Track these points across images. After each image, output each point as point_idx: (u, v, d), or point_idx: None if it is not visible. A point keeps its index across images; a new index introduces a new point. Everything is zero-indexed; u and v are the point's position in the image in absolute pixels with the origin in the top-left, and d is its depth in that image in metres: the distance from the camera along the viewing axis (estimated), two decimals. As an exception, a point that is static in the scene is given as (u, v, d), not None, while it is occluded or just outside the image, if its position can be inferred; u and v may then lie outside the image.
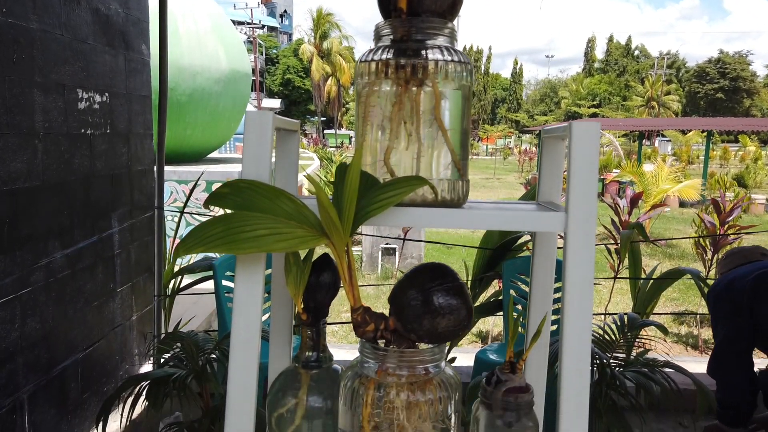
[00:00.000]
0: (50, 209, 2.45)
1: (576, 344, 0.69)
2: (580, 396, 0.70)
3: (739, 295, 1.95)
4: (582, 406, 0.70)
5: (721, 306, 2.02)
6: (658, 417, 3.24)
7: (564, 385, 0.70)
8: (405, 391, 0.72)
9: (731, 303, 1.97)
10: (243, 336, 0.70)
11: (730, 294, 1.99)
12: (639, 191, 4.88)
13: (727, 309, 1.98)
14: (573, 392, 0.70)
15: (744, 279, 1.99)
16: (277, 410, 0.85)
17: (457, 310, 0.71)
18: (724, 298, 2.01)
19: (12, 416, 2.24)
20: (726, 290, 2.01)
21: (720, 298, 2.03)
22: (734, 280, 2.02)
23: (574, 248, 0.70)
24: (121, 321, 3.11)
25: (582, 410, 0.70)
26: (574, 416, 0.70)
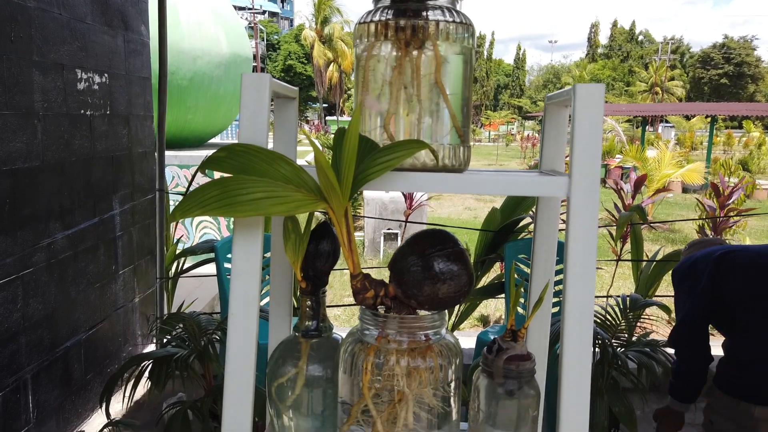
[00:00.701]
0: (51, 190, 2.44)
1: (578, 315, 0.68)
2: (581, 373, 0.69)
3: (702, 272, 1.99)
4: (583, 383, 0.69)
5: (683, 283, 2.08)
6: (659, 398, 3.24)
7: (566, 360, 0.69)
8: (405, 357, 0.71)
9: (693, 279, 2.01)
10: (242, 301, 0.69)
11: (693, 272, 2.04)
12: (644, 174, 4.84)
13: (690, 285, 2.03)
14: (575, 366, 0.69)
15: (708, 257, 2.03)
16: (277, 379, 0.84)
17: (457, 275, 0.70)
18: (688, 275, 2.06)
19: (16, 395, 2.26)
20: (690, 268, 2.07)
21: (684, 276, 2.09)
22: (698, 259, 2.07)
23: (578, 214, 0.69)
24: (124, 303, 3.11)
25: (583, 388, 0.69)
26: (576, 394, 0.69)
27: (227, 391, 0.69)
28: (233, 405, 0.70)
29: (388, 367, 0.72)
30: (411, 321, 0.72)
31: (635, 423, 2.02)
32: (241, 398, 0.70)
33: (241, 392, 0.70)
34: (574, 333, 0.69)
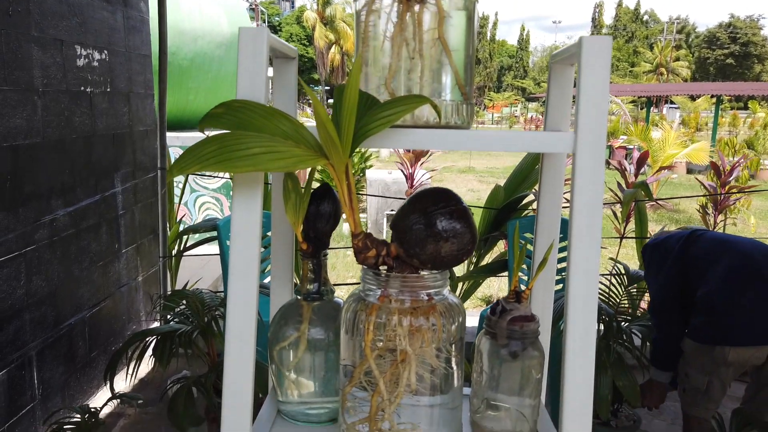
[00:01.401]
0: (52, 167, 2.43)
1: (584, 272, 0.66)
2: (586, 340, 0.68)
3: (672, 246, 2.14)
4: (588, 350, 0.68)
5: (654, 256, 2.21)
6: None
7: (570, 325, 0.68)
8: (408, 317, 0.70)
9: (664, 252, 2.15)
10: (242, 261, 0.68)
11: (664, 246, 2.18)
12: (646, 150, 4.79)
13: (660, 258, 2.16)
14: (580, 335, 0.68)
15: (679, 234, 2.20)
16: (279, 343, 0.83)
17: (460, 234, 0.69)
18: (658, 249, 2.20)
19: (21, 372, 2.27)
20: (661, 243, 2.21)
21: (654, 250, 2.22)
22: (670, 237, 2.22)
23: (583, 171, 0.68)
24: (127, 281, 3.12)
25: (588, 357, 0.68)
26: (580, 365, 0.69)
27: (228, 358, 0.68)
28: (234, 367, 0.70)
29: (390, 326, 0.71)
30: (413, 280, 0.71)
31: (638, 396, 2.02)
32: (242, 358, 0.69)
33: (241, 354, 0.69)
34: (580, 293, 0.67)
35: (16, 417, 2.24)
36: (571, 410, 0.69)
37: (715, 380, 1.99)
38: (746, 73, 50.44)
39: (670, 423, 2.80)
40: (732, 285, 1.97)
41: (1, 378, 2.15)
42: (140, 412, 2.81)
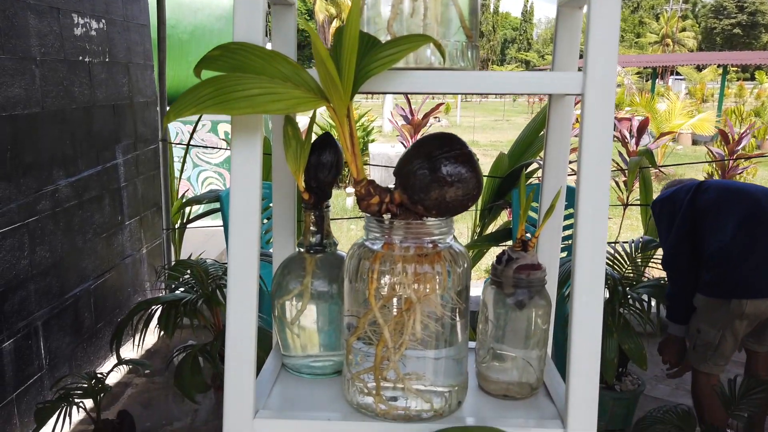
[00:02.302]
0: (52, 137, 2.41)
1: (592, 220, 0.64)
2: (594, 305, 0.66)
3: (682, 199, 2.13)
4: (596, 316, 0.67)
5: (664, 210, 2.21)
6: (667, 341, 3.25)
7: (577, 292, 0.66)
8: (412, 264, 0.69)
9: (674, 206, 2.15)
10: (242, 211, 0.66)
11: (673, 199, 2.18)
12: (646, 117, 4.72)
13: (670, 212, 2.16)
14: (587, 299, 0.67)
15: (687, 186, 2.18)
16: (283, 297, 0.82)
17: (465, 178, 0.67)
18: (668, 203, 2.20)
19: (27, 342, 2.28)
20: (670, 197, 2.21)
21: (664, 204, 2.22)
22: (679, 189, 2.21)
23: (592, 112, 0.65)
24: (131, 253, 3.12)
25: (595, 325, 0.67)
26: (587, 333, 0.67)
27: (230, 296, 0.67)
28: (237, 306, 0.69)
29: (394, 274, 0.69)
30: (417, 227, 0.70)
31: (645, 359, 2.02)
32: (245, 297, 0.68)
33: (243, 305, 0.68)
34: (588, 241, 0.66)
35: (24, 386, 2.26)
36: (577, 375, 0.68)
37: (728, 335, 1.98)
38: (753, 43, 49.70)
39: (674, 388, 2.81)
40: (745, 235, 1.94)
41: (9, 347, 2.16)
42: (147, 381, 2.84)
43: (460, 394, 0.75)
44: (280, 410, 0.74)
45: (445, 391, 0.73)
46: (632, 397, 2.42)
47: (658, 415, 1.79)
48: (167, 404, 2.66)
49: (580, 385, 0.68)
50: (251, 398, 0.69)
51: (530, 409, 0.75)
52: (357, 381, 0.73)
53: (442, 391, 0.72)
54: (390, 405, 0.71)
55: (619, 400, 2.39)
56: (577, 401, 0.68)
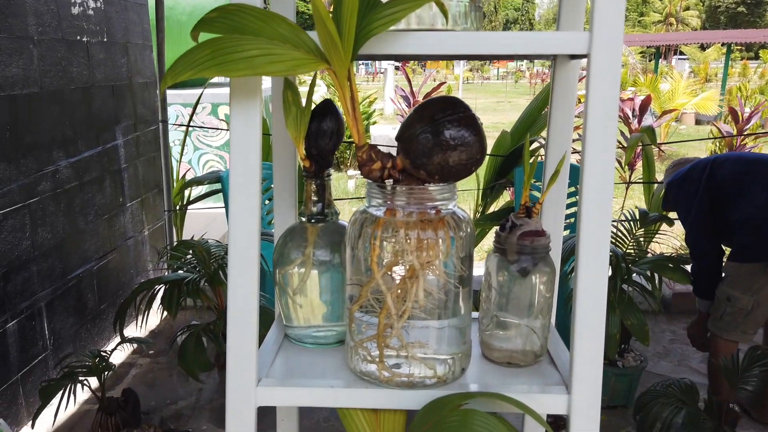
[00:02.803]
0: (51, 117, 2.40)
1: (599, 181, 0.63)
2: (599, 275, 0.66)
3: (699, 175, 2.17)
4: (600, 290, 0.66)
5: (682, 190, 2.23)
6: (669, 319, 3.26)
7: (582, 260, 0.65)
8: (415, 230, 0.68)
9: (692, 184, 2.18)
10: (242, 175, 0.65)
11: (689, 179, 2.20)
12: (648, 95, 4.66)
13: (688, 190, 2.19)
14: (592, 269, 0.66)
15: (703, 162, 2.21)
16: (285, 267, 0.82)
17: (469, 142, 0.66)
18: (685, 183, 2.22)
19: (31, 322, 2.29)
20: (686, 176, 2.23)
21: (681, 184, 2.24)
22: (692, 168, 2.24)
23: (599, 72, 0.64)
24: (133, 234, 3.12)
25: (600, 299, 0.66)
26: (592, 296, 0.66)
27: (231, 259, 0.66)
28: (237, 269, 0.68)
29: (397, 241, 0.69)
30: (420, 192, 0.69)
31: (647, 335, 2.02)
32: (245, 289, 0.67)
33: (245, 282, 0.67)
34: (594, 195, 0.64)
35: (28, 366, 2.27)
36: (582, 340, 0.67)
37: (762, 299, 2.03)
38: (758, 21, 49.15)
39: (677, 364, 2.82)
40: None
41: (12, 328, 2.17)
42: (152, 361, 2.86)
43: (464, 362, 0.75)
44: (283, 378, 0.74)
45: (448, 358, 0.72)
46: (634, 373, 2.42)
47: (661, 389, 1.79)
48: (171, 383, 2.68)
49: (585, 351, 0.68)
50: (254, 366, 0.69)
51: (534, 376, 0.75)
52: (360, 349, 0.73)
53: (445, 359, 0.72)
54: (393, 372, 0.71)
55: (621, 376, 2.40)
56: (582, 367, 0.68)
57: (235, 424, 0.71)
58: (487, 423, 0.62)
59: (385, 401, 0.70)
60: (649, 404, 1.75)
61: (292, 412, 0.97)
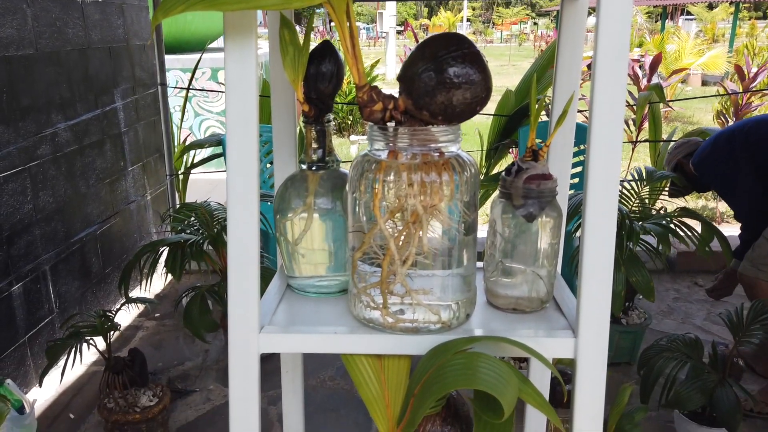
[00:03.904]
0: (48, 79, 2.36)
1: (608, 111, 0.61)
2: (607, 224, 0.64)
3: (730, 149, 2.15)
4: (609, 231, 0.64)
5: (717, 168, 2.23)
6: (673, 278, 3.26)
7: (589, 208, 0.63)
8: (418, 173, 0.66)
9: (725, 157, 2.17)
10: (239, 110, 0.63)
11: (718, 153, 2.19)
12: (658, 53, 4.56)
13: (721, 168, 2.19)
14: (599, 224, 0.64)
15: (725, 136, 2.19)
16: (286, 216, 0.80)
17: (473, 80, 0.64)
18: (716, 160, 2.21)
19: (36, 286, 2.30)
20: (713, 152, 2.22)
21: (711, 162, 2.23)
22: (715, 142, 2.22)
23: (608, 5, 0.61)
24: (135, 198, 3.11)
25: (608, 241, 0.65)
26: (600, 236, 0.65)
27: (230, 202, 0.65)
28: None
29: (400, 184, 0.67)
30: (423, 133, 0.67)
31: (653, 291, 2.01)
32: (245, 239, 0.66)
33: (244, 221, 0.66)
34: (602, 141, 0.62)
35: (35, 329, 2.29)
36: (589, 296, 0.66)
37: None
38: (768, -21, 47.94)
39: (680, 322, 2.83)
40: None
41: (18, 291, 2.18)
42: (158, 324, 2.88)
43: (468, 308, 0.74)
44: (285, 326, 0.73)
45: (453, 303, 0.71)
46: (639, 331, 2.43)
47: (665, 344, 1.80)
48: (178, 345, 2.70)
49: (593, 294, 0.66)
50: (255, 312, 0.68)
51: (540, 322, 0.74)
52: (363, 295, 0.72)
53: (449, 304, 0.71)
54: (397, 318, 0.70)
55: (625, 333, 2.41)
56: (590, 309, 0.67)
57: (239, 372, 0.70)
58: (492, 365, 0.61)
59: (389, 347, 0.70)
60: (653, 359, 1.76)
61: (297, 364, 0.97)
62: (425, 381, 0.64)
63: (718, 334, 2.61)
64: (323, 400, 2.31)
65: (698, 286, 3.16)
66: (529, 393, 0.65)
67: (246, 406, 0.70)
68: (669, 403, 1.74)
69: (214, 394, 2.35)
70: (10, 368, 2.15)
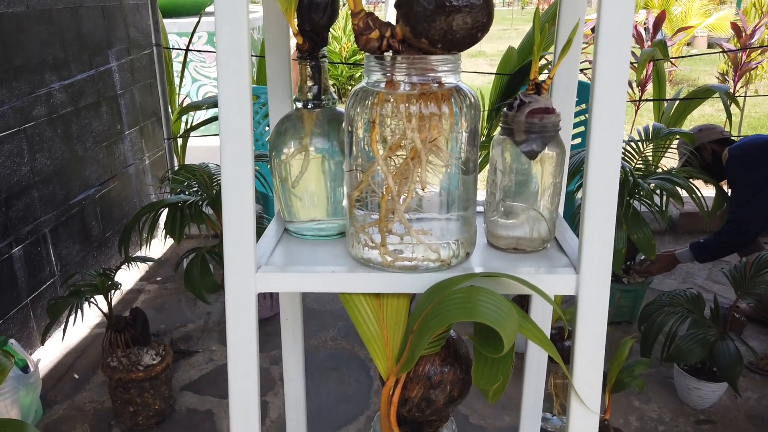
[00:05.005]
0: (41, 39, 2.32)
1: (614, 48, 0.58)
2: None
3: None
4: (613, 168, 0.62)
5: (750, 170, 2.19)
6: (675, 239, 3.25)
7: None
8: (417, 104, 0.64)
9: (761, 166, 2.15)
10: (229, 43, 0.60)
11: (759, 153, 2.18)
12: (662, 10, 4.45)
13: (756, 171, 2.16)
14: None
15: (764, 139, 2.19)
16: (282, 157, 0.78)
17: (473, 3, 0.61)
18: (754, 159, 2.19)
19: (37, 248, 2.29)
20: (754, 153, 2.20)
21: (748, 161, 2.20)
22: (753, 142, 2.22)
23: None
24: (134, 161, 3.09)
25: (612, 179, 0.63)
26: (603, 186, 0.63)
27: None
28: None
29: (398, 117, 0.64)
30: (421, 62, 0.64)
31: (654, 249, 2.00)
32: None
33: (237, 155, 0.64)
34: (606, 88, 0.60)
35: (38, 291, 2.30)
36: (591, 233, 0.64)
37: None
38: (777, -60, 46.81)
39: (681, 282, 2.83)
40: None
41: (18, 253, 2.18)
42: (159, 287, 2.89)
43: (468, 247, 0.72)
44: (283, 266, 0.72)
45: (452, 242, 0.70)
46: (640, 290, 2.43)
47: (666, 299, 1.79)
48: (180, 308, 2.71)
49: (595, 230, 0.65)
50: (251, 251, 0.67)
51: (541, 260, 0.72)
52: (362, 234, 0.70)
53: (448, 242, 0.70)
54: (396, 256, 0.69)
55: (626, 292, 2.41)
56: (592, 246, 0.65)
57: (236, 313, 0.69)
58: (492, 299, 0.60)
59: (387, 285, 0.68)
60: (654, 314, 1.76)
61: (296, 312, 0.96)
62: (424, 316, 0.63)
63: (719, 293, 2.61)
64: (324, 360, 2.32)
65: (700, 247, 3.15)
66: (529, 329, 0.64)
67: (244, 346, 0.69)
68: (669, 357, 1.74)
69: (216, 354, 2.37)
70: (14, 330, 2.16)
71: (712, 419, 1.93)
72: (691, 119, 5.95)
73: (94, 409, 2.05)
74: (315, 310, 2.66)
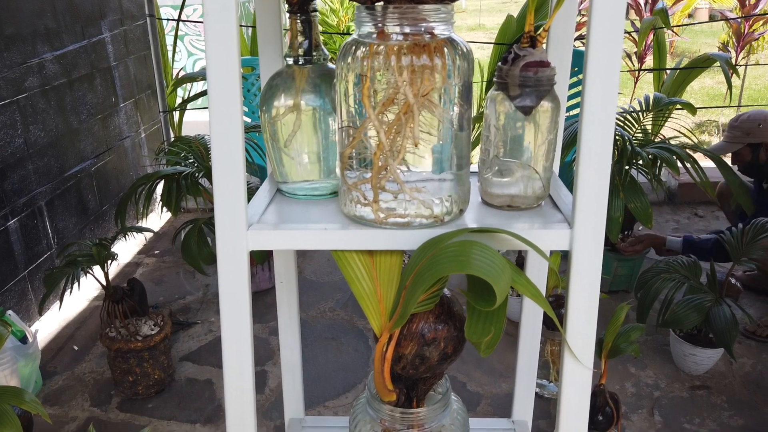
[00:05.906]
0: (31, 7, 2.28)
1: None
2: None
3: None
4: (609, 119, 0.61)
5: None
6: (674, 209, 3.25)
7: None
8: (408, 55, 0.62)
9: None
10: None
11: None
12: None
13: None
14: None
15: None
16: (273, 115, 0.77)
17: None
18: None
19: (33, 221, 2.29)
20: None
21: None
22: None
23: None
24: (129, 134, 3.06)
25: (607, 130, 0.61)
26: (598, 137, 0.62)
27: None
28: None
29: (389, 70, 0.63)
30: (413, 11, 0.63)
31: (651, 218, 2.00)
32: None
33: (225, 109, 0.62)
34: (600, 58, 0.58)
35: (35, 264, 2.30)
36: (585, 188, 0.63)
37: None
38: None
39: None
40: None
41: (14, 225, 2.17)
42: (158, 260, 2.89)
43: (462, 204, 0.71)
44: (275, 224, 0.71)
45: (445, 198, 0.69)
46: (637, 260, 2.44)
47: (663, 266, 1.80)
48: (178, 280, 2.72)
49: (589, 185, 0.64)
50: (242, 209, 0.66)
51: (536, 217, 0.72)
52: (354, 191, 0.69)
53: (441, 198, 0.69)
54: (388, 212, 0.68)
55: (623, 261, 2.41)
56: (586, 201, 0.64)
57: (228, 271, 0.69)
58: (485, 252, 0.60)
59: (380, 242, 0.68)
60: (651, 280, 1.76)
61: (291, 275, 0.96)
62: (417, 270, 0.63)
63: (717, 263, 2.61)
64: (323, 330, 2.33)
65: (698, 217, 3.15)
66: (522, 283, 0.63)
67: (236, 305, 0.69)
68: (665, 323, 1.75)
69: (215, 325, 2.38)
70: (12, 302, 2.17)
71: (707, 384, 1.95)
72: (691, 90, 5.92)
73: (93, 379, 2.07)
74: (313, 282, 2.66)
